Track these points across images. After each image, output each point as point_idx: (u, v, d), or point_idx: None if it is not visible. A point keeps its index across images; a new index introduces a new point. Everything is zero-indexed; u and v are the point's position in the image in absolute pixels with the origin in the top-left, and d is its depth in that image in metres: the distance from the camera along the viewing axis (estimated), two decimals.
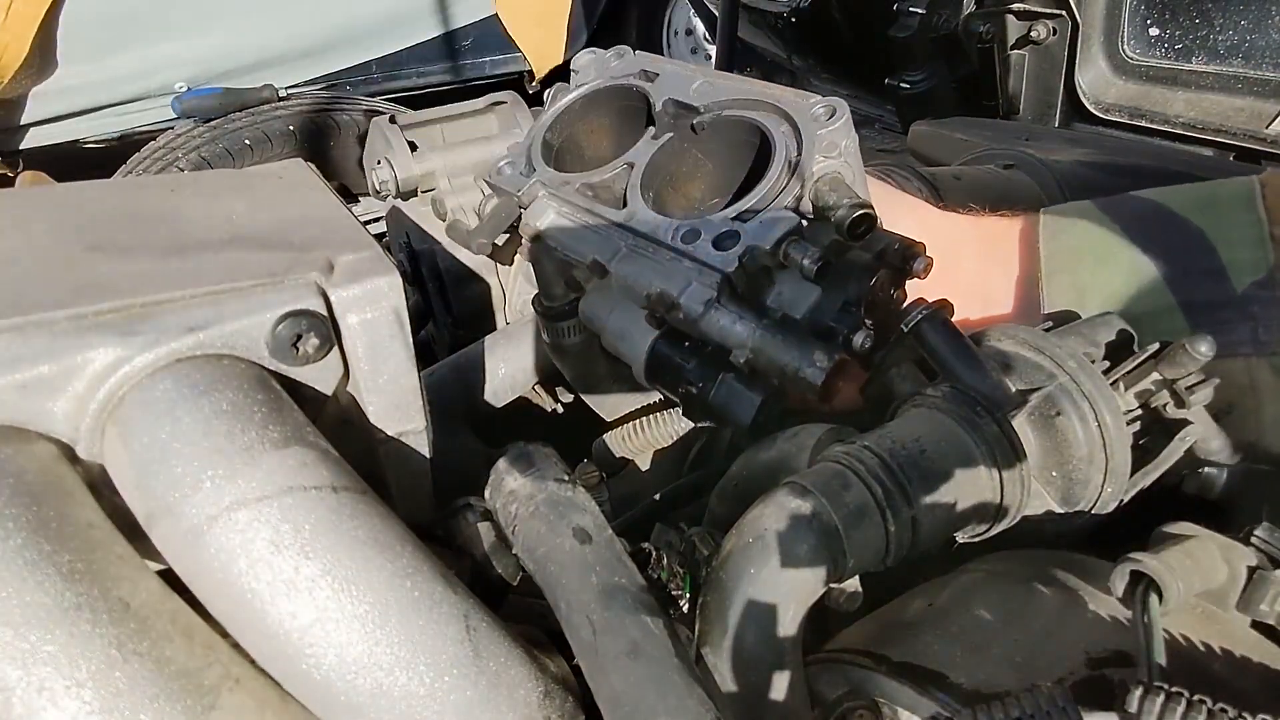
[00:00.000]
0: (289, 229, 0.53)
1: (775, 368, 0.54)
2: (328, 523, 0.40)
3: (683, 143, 0.66)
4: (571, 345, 0.71)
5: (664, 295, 0.56)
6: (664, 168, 0.66)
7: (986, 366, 0.55)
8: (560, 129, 0.72)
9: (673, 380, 0.60)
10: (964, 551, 0.57)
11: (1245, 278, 0.57)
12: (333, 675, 0.39)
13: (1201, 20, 1.08)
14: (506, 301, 0.94)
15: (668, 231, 0.59)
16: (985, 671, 0.45)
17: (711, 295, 0.55)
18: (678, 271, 0.57)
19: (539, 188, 0.67)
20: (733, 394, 0.57)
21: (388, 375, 0.49)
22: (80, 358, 0.41)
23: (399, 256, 1.00)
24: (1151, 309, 0.60)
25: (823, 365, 0.52)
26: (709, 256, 0.56)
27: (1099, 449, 0.53)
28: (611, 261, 0.61)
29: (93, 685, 0.36)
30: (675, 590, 0.57)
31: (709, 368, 0.58)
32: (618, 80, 0.71)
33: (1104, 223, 0.63)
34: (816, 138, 0.58)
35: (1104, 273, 0.62)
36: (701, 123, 0.65)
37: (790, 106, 0.60)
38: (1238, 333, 0.57)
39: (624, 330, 0.62)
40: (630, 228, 0.61)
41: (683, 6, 3.76)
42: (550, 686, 0.44)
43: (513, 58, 3.43)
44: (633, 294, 0.60)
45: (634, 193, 0.63)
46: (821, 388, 0.52)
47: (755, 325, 0.54)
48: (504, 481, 0.57)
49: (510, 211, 0.68)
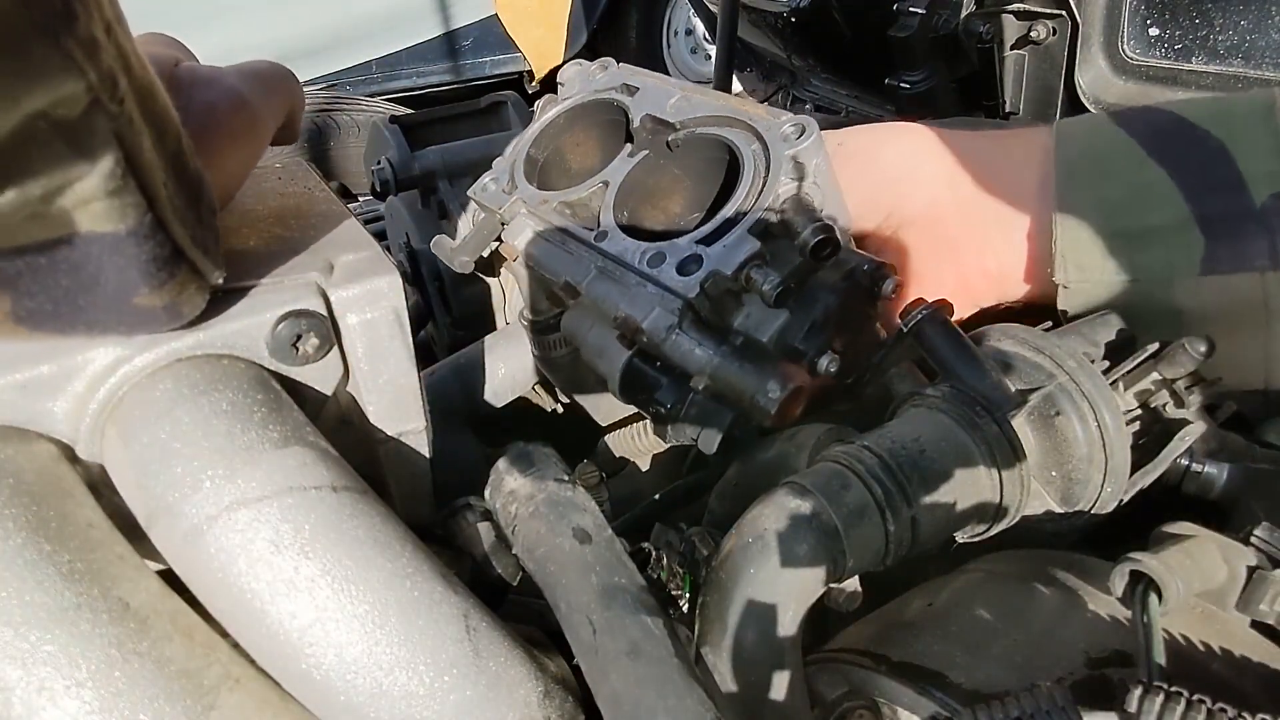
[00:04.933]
0: (289, 229, 0.53)
1: (733, 394, 0.54)
2: (328, 522, 0.40)
3: (659, 159, 0.66)
4: (559, 357, 0.71)
5: (629, 319, 0.56)
6: (641, 184, 0.66)
7: (986, 366, 0.55)
8: (544, 144, 0.72)
9: (645, 399, 0.60)
10: (964, 551, 0.57)
11: (1264, 190, 0.55)
12: (332, 675, 0.39)
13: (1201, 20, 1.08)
14: (506, 301, 0.94)
15: (635, 255, 0.59)
16: (985, 671, 0.45)
17: (673, 321, 0.55)
18: (642, 296, 0.57)
19: (519, 205, 0.67)
20: (702, 414, 0.57)
21: (388, 375, 0.49)
22: (80, 358, 0.41)
23: (399, 256, 1.00)
24: (1166, 222, 0.58)
25: (775, 395, 0.52)
26: (672, 281, 0.56)
27: (1099, 449, 0.54)
28: (583, 283, 0.60)
29: (93, 685, 0.36)
30: (675, 590, 0.57)
31: (680, 388, 0.58)
32: (600, 95, 0.71)
33: (1118, 135, 0.61)
34: (784, 158, 0.57)
35: (1117, 185, 0.60)
36: (676, 139, 0.65)
37: (760, 124, 0.60)
38: (1254, 246, 0.55)
39: (600, 348, 0.62)
40: (600, 249, 0.61)
41: (683, 6, 3.76)
42: (550, 686, 0.44)
43: (513, 58, 3.44)
44: (603, 315, 0.60)
45: (607, 213, 0.63)
46: (775, 415, 0.53)
47: (714, 352, 0.54)
48: (504, 481, 0.57)
49: (492, 228, 0.69)
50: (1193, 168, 0.58)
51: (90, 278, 0.38)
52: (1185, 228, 0.57)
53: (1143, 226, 0.59)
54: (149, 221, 0.37)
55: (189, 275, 0.41)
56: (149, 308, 0.40)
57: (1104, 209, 0.60)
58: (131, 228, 0.37)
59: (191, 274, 0.41)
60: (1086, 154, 0.62)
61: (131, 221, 0.37)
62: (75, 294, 0.38)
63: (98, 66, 0.33)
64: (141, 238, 0.37)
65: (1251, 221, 0.55)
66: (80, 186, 0.34)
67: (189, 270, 0.41)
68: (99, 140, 0.34)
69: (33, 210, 0.34)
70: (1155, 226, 0.58)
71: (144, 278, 0.39)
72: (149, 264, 0.38)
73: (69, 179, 0.34)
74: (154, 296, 0.40)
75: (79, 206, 0.35)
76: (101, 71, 0.33)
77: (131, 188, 0.36)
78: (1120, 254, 0.59)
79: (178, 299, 0.41)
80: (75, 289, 0.38)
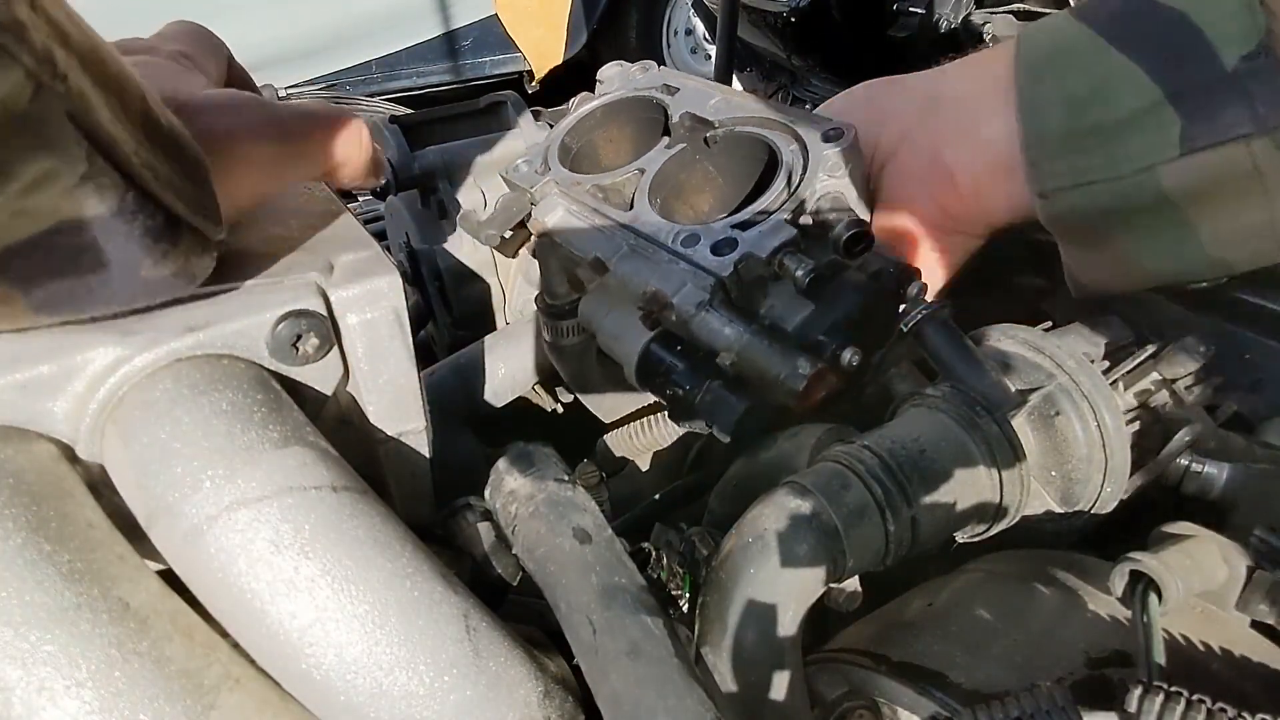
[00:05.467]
0: (289, 229, 0.53)
1: (758, 372, 0.54)
2: (328, 522, 0.40)
3: (694, 154, 0.68)
4: (569, 345, 0.72)
5: (658, 294, 0.57)
6: (673, 177, 0.67)
7: (986, 366, 0.55)
8: (580, 133, 0.74)
9: (661, 382, 0.60)
10: (964, 551, 0.57)
11: (1234, 52, 0.51)
12: (332, 675, 0.39)
13: None
14: (506, 301, 0.94)
15: (669, 235, 0.60)
16: (985, 671, 0.45)
17: (704, 298, 0.56)
18: (674, 273, 0.58)
19: (551, 186, 0.69)
20: (718, 400, 0.57)
21: (388, 375, 0.49)
22: (80, 358, 0.41)
23: (399, 256, 1.00)
24: (1136, 108, 0.54)
25: (804, 372, 0.52)
26: (705, 260, 0.57)
27: (1099, 449, 0.54)
28: (612, 259, 0.61)
29: (92, 685, 0.36)
30: (675, 590, 0.57)
31: (698, 373, 0.58)
32: (640, 91, 0.73)
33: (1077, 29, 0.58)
34: (822, 157, 0.59)
35: (1080, 79, 0.57)
36: (714, 136, 0.67)
37: (800, 126, 0.62)
38: (1233, 114, 0.51)
39: (619, 330, 0.63)
40: (633, 229, 0.63)
41: (683, 6, 3.76)
42: (550, 686, 0.44)
43: (513, 58, 3.44)
44: (629, 292, 0.60)
45: (641, 197, 0.65)
46: (801, 394, 0.52)
47: (744, 329, 0.55)
48: (504, 481, 0.57)
49: (521, 206, 0.70)
50: (1156, 44, 0.54)
51: (93, 260, 0.37)
52: (1157, 109, 0.53)
53: (1113, 118, 0.55)
54: (132, 198, 0.36)
55: (191, 239, 0.40)
56: (159, 278, 0.40)
57: (1070, 107, 0.57)
58: (114, 208, 0.36)
59: (193, 237, 0.40)
60: (1046, 52, 0.59)
61: (113, 201, 0.36)
62: (84, 277, 0.38)
63: (30, 49, 0.30)
64: (129, 214, 0.37)
65: (1225, 89, 0.52)
66: (52, 176, 0.33)
67: (190, 234, 0.40)
68: (54, 125, 0.33)
69: (14, 208, 0.33)
70: (1126, 115, 0.54)
71: (144, 251, 0.38)
72: (144, 238, 0.38)
73: (39, 171, 0.33)
74: (160, 267, 0.40)
75: (59, 196, 0.34)
76: (36, 53, 0.31)
77: (102, 167, 0.34)
78: (1095, 151, 0.56)
79: (185, 264, 0.41)
80: (82, 273, 0.38)
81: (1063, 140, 0.57)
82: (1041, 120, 0.58)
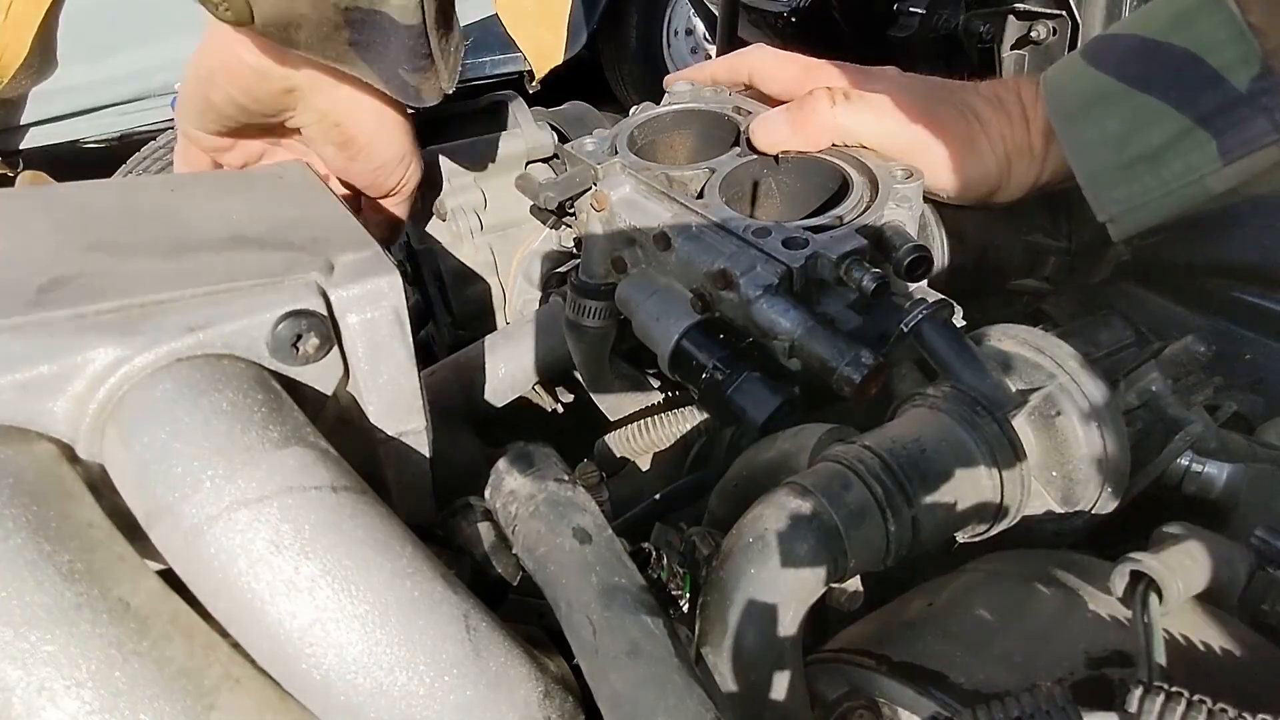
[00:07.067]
0: (289, 229, 0.53)
1: (815, 359, 0.55)
2: (328, 522, 0.40)
3: (763, 168, 0.70)
4: (591, 327, 0.72)
5: (726, 272, 0.58)
6: (742, 182, 0.69)
7: (987, 366, 0.55)
8: (648, 132, 0.75)
9: (698, 367, 0.61)
10: (964, 551, 0.57)
11: (1242, 74, 0.58)
12: (332, 675, 0.39)
13: None
14: (506, 301, 0.94)
15: (740, 224, 0.62)
16: (985, 671, 0.45)
17: (773, 282, 0.57)
18: (743, 256, 0.59)
19: (618, 165, 0.70)
20: (753, 390, 0.59)
21: (388, 375, 0.49)
22: (80, 358, 0.41)
23: (399, 256, 1.00)
24: (1171, 136, 0.61)
25: (868, 362, 0.54)
26: (776, 251, 0.59)
27: (1099, 449, 0.54)
28: (678, 237, 0.63)
29: (93, 685, 0.36)
30: (675, 590, 0.57)
31: (737, 362, 0.59)
32: (713, 106, 0.75)
33: (1095, 75, 0.65)
34: (893, 189, 0.62)
35: (1113, 120, 0.63)
36: (786, 156, 0.69)
37: (872, 162, 0.65)
38: (1257, 126, 0.58)
39: (661, 311, 0.64)
40: (704, 214, 0.64)
41: (683, 6, 3.76)
42: (550, 686, 0.44)
43: (513, 58, 3.43)
44: (689, 272, 0.62)
45: (711, 191, 0.66)
46: (860, 384, 0.54)
47: (806, 315, 0.57)
48: (504, 481, 0.57)
49: (585, 178, 0.70)
50: (1172, 80, 0.61)
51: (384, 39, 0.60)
52: (1190, 133, 0.60)
53: (1154, 146, 0.61)
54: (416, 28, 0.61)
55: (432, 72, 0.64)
56: (407, 82, 0.63)
57: (1112, 145, 0.63)
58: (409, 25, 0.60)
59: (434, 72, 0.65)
60: (1078, 101, 0.66)
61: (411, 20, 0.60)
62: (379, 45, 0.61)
63: None
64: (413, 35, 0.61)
65: (1245, 106, 0.58)
66: None
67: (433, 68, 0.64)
68: None
69: None
70: (1164, 142, 0.61)
71: (408, 58, 0.62)
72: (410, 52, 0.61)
73: None
74: (411, 76, 0.63)
75: None
76: None
77: None
78: (1146, 176, 0.62)
79: (422, 85, 0.65)
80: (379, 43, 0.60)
81: (1113, 173, 0.63)
82: (1092, 160, 0.64)
